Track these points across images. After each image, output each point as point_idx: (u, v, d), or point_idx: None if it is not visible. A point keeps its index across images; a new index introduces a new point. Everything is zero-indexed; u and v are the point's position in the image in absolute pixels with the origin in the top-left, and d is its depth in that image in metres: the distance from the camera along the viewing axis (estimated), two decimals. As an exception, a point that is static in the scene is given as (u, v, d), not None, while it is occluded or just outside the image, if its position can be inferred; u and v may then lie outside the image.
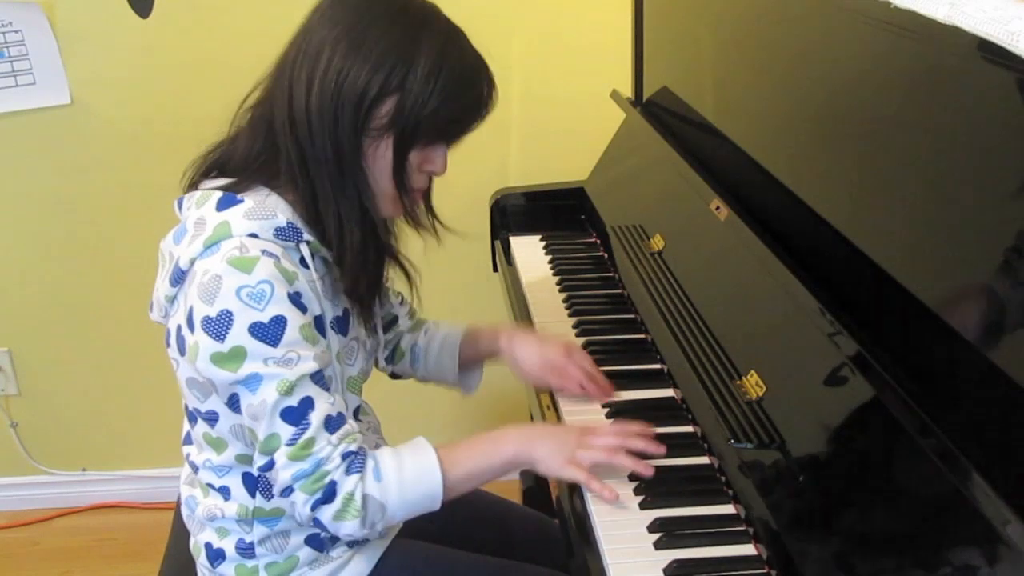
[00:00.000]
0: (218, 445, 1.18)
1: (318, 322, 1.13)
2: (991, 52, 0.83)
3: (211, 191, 1.14)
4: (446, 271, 2.32)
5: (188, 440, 1.26)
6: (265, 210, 1.11)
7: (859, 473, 1.04)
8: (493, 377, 1.52)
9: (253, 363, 1.07)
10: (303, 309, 1.10)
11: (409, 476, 1.14)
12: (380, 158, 1.13)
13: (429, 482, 1.14)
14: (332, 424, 1.11)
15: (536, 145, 2.27)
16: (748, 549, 1.10)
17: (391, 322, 1.43)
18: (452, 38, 1.13)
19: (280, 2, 2.16)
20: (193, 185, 1.19)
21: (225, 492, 1.20)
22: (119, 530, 2.42)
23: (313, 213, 1.13)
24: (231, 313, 1.05)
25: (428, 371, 1.46)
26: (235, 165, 1.16)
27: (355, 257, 1.14)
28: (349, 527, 1.12)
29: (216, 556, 1.23)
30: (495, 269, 1.97)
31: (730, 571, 1.07)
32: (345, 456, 1.11)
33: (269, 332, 1.06)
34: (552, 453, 1.19)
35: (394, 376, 1.47)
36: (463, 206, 2.23)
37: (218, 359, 1.07)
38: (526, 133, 2.25)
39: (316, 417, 1.09)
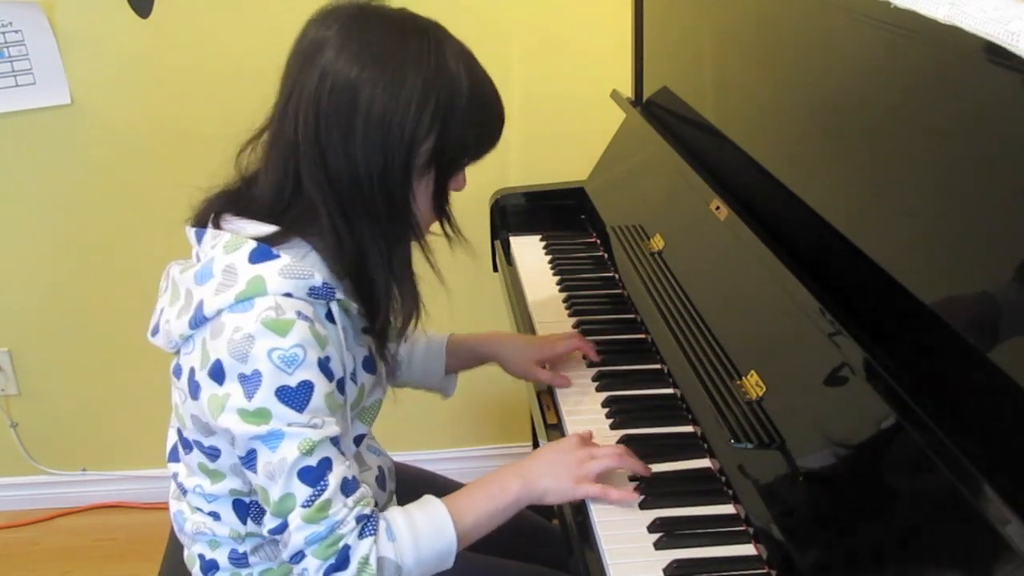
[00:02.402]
0: (214, 476, 1.17)
1: (339, 385, 1.12)
2: (991, 52, 0.83)
3: (242, 237, 1.10)
4: (446, 271, 2.33)
5: (175, 457, 1.23)
6: (302, 269, 1.08)
7: (859, 473, 1.04)
8: (493, 378, 1.52)
9: (277, 423, 1.05)
10: (330, 376, 1.08)
11: (423, 533, 1.11)
12: (421, 194, 1.13)
13: (442, 537, 1.12)
14: (348, 487, 1.08)
15: (536, 145, 2.27)
16: (748, 549, 1.10)
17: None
18: (469, 61, 1.12)
19: (280, 3, 2.17)
20: (212, 221, 1.14)
21: (215, 516, 1.19)
22: (119, 530, 2.42)
23: (358, 270, 1.11)
24: (260, 374, 1.04)
25: (411, 377, 1.47)
26: (261, 210, 1.12)
27: (407, 319, 1.15)
28: None
29: (209, 567, 1.22)
30: (495, 269, 1.97)
31: (730, 571, 1.07)
32: (359, 519, 1.08)
33: (296, 397, 1.05)
34: (558, 481, 1.17)
35: None
36: (463, 206, 2.24)
37: (244, 415, 1.05)
38: (526, 133, 2.25)
39: (334, 479, 1.07)
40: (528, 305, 1.69)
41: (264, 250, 1.08)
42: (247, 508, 1.18)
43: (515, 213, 2.02)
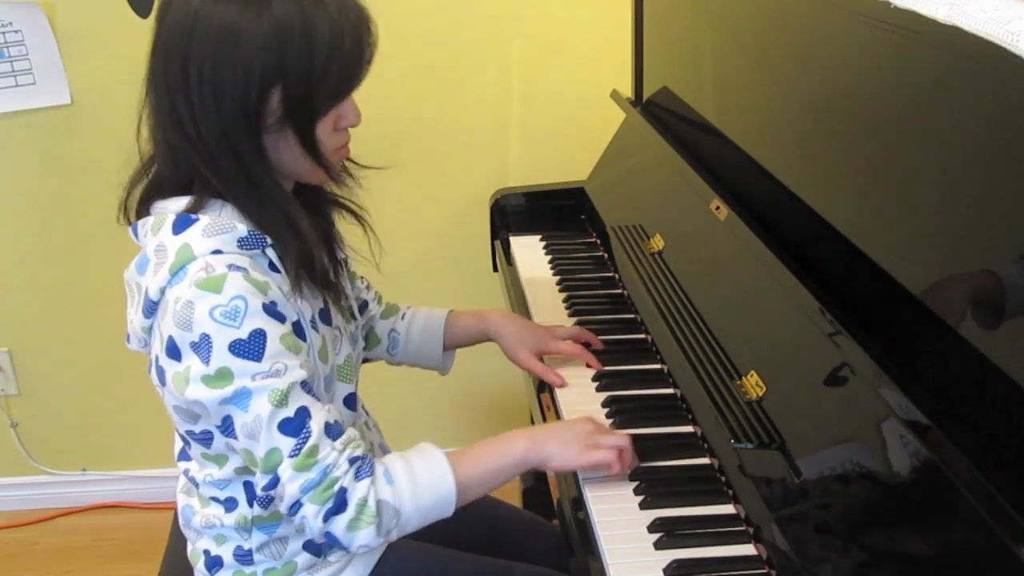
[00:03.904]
0: (218, 460, 1.17)
1: (297, 328, 1.11)
2: (991, 52, 0.83)
3: (164, 215, 1.10)
4: (446, 271, 2.33)
5: (184, 456, 1.24)
6: (223, 224, 1.08)
7: (859, 473, 1.04)
8: (493, 377, 1.52)
9: (241, 380, 1.04)
10: (280, 319, 1.08)
11: (421, 479, 1.11)
12: (290, 146, 1.09)
13: (441, 485, 1.12)
14: (332, 431, 1.08)
15: (536, 145, 2.27)
16: (748, 549, 1.10)
17: (361, 307, 1.42)
18: None
19: (280, 2, 2.17)
20: (142, 210, 1.16)
21: (229, 504, 1.19)
22: (119, 530, 2.42)
23: (252, 223, 1.10)
24: (209, 336, 1.03)
25: (407, 355, 1.46)
26: (171, 184, 1.12)
27: (301, 254, 1.11)
28: (364, 536, 1.08)
29: (214, 564, 1.22)
30: (495, 269, 1.97)
31: (730, 571, 1.07)
32: (352, 461, 1.08)
33: (250, 347, 1.04)
34: (564, 447, 1.19)
35: (364, 360, 1.46)
36: (463, 206, 2.24)
37: (207, 380, 1.05)
38: (526, 133, 2.26)
39: (315, 425, 1.06)
40: (528, 305, 1.69)
41: (184, 218, 1.09)
42: (255, 490, 1.18)
43: (515, 213, 2.02)
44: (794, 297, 1.23)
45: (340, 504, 1.07)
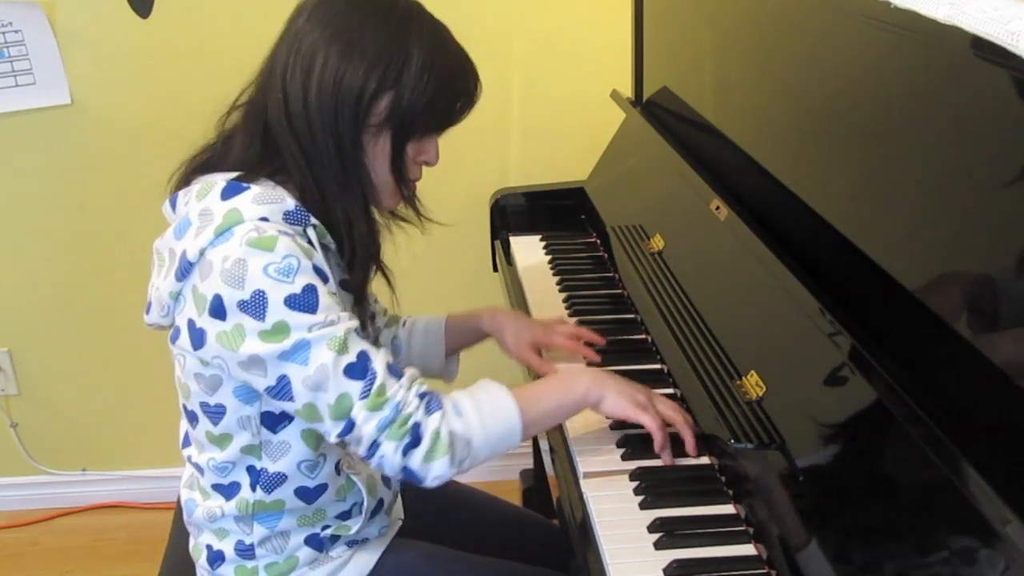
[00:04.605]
0: (222, 441, 1.17)
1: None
2: (991, 52, 0.83)
3: (212, 182, 1.13)
4: (446, 271, 2.33)
5: (187, 442, 1.25)
6: (273, 195, 1.12)
7: (859, 473, 1.04)
8: (493, 376, 1.52)
9: (298, 333, 1.07)
10: (325, 279, 1.11)
11: (488, 410, 1.15)
12: (380, 152, 1.16)
13: (507, 416, 1.16)
14: (394, 371, 1.12)
15: (536, 145, 2.27)
16: (748, 549, 1.10)
17: (370, 317, 1.43)
18: (439, 34, 1.17)
19: (281, 2, 2.17)
20: (185, 184, 1.19)
21: (234, 488, 1.20)
22: (119, 530, 2.42)
23: (320, 207, 1.15)
24: (263, 292, 1.06)
25: (410, 362, 1.47)
26: (231, 164, 1.17)
27: (364, 250, 1.17)
28: (439, 467, 1.12)
29: (216, 558, 1.23)
30: (495, 269, 1.97)
31: (730, 571, 1.07)
32: (421, 396, 1.12)
33: (305, 301, 1.07)
34: (620, 395, 1.23)
35: None
36: (463, 206, 2.24)
37: (264, 335, 1.07)
38: (526, 133, 2.26)
39: (379, 366, 1.10)
40: (528, 305, 1.69)
41: (234, 186, 1.12)
42: (258, 475, 1.18)
43: (515, 213, 2.02)
44: (794, 297, 1.23)
45: (416, 438, 1.10)
